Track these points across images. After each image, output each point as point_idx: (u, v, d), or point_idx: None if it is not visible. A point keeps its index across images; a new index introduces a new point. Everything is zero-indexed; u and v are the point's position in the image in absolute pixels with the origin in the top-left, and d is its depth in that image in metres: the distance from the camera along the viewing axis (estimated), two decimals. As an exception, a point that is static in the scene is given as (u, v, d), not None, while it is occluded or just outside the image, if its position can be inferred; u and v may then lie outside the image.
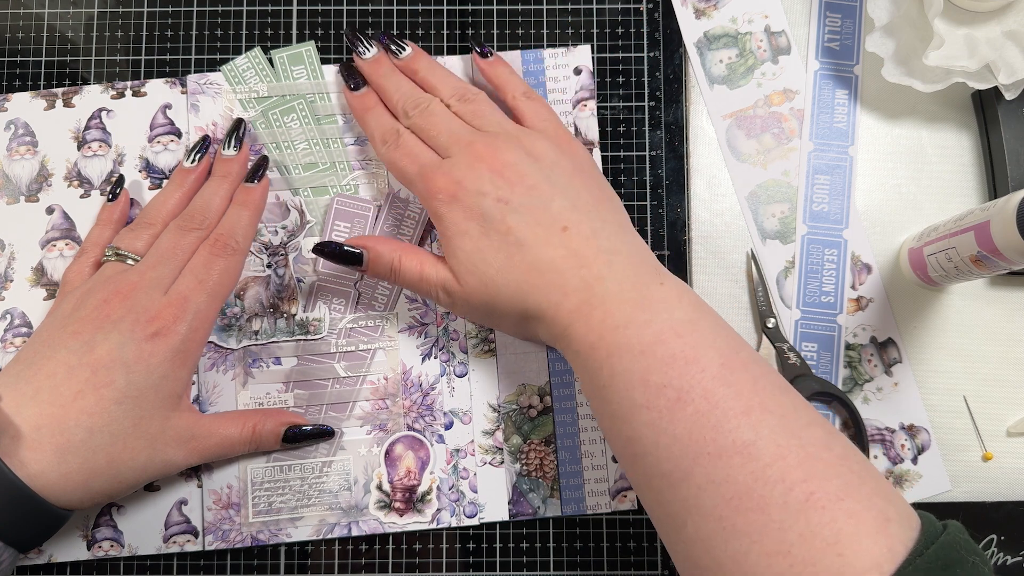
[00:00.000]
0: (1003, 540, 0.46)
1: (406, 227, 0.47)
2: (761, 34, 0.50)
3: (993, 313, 0.48)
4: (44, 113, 0.48)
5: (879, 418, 0.47)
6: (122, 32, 0.49)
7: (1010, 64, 0.45)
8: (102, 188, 0.47)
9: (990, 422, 0.47)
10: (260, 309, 0.46)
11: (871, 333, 0.48)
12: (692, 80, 0.49)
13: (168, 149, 0.48)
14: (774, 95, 0.49)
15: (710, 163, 0.49)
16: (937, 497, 0.47)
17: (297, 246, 0.47)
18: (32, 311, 0.47)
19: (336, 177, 0.48)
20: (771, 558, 0.30)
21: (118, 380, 0.38)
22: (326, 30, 0.49)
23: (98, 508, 0.45)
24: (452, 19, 0.50)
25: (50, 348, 0.39)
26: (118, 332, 0.38)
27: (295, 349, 0.46)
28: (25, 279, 0.47)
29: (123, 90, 0.48)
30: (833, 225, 0.48)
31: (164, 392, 0.39)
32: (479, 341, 0.47)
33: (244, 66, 0.48)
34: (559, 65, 0.49)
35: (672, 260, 0.48)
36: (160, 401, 0.39)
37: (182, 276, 0.41)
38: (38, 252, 0.47)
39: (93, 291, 0.40)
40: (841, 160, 0.49)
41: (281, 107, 0.48)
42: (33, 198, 0.47)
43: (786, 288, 0.48)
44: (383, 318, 0.47)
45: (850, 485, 0.31)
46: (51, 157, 0.48)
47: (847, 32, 0.50)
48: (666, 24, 0.50)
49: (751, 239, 0.48)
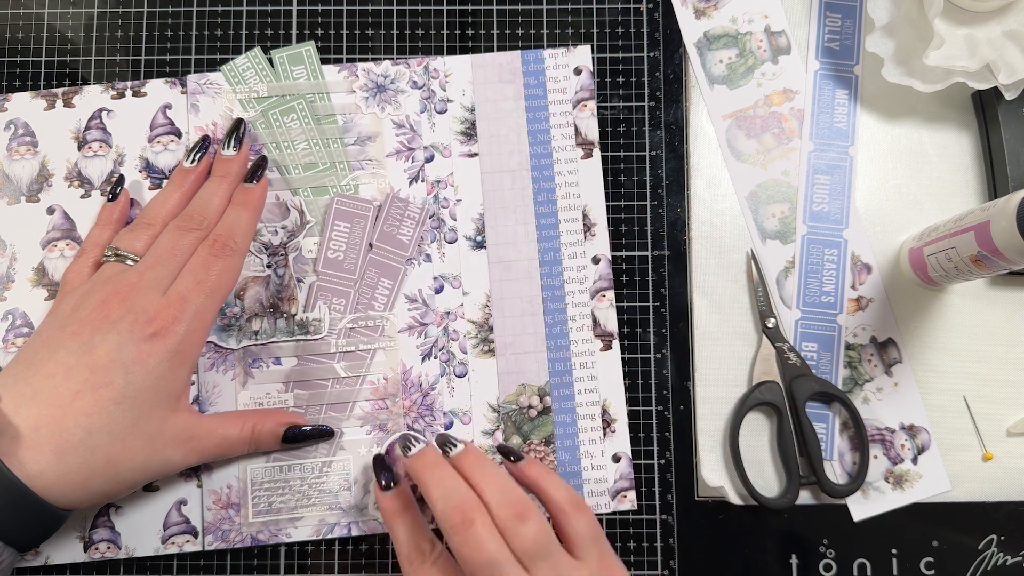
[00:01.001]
0: (1003, 540, 0.46)
1: (406, 227, 0.47)
2: (761, 34, 0.50)
3: (993, 313, 0.48)
4: (44, 113, 0.48)
5: (879, 418, 0.47)
6: (122, 32, 0.49)
7: (1010, 64, 0.45)
8: (102, 188, 0.47)
9: (990, 422, 0.47)
10: (260, 309, 0.46)
11: (871, 333, 0.48)
12: (692, 80, 0.49)
13: (168, 149, 0.48)
14: (774, 95, 0.49)
15: (710, 163, 0.49)
16: (937, 497, 0.47)
17: (297, 246, 0.47)
18: (33, 311, 0.47)
19: (336, 177, 0.48)
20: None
21: (116, 380, 0.37)
22: (326, 30, 0.49)
23: (96, 509, 0.45)
24: (452, 19, 0.50)
25: (49, 349, 0.39)
26: (117, 333, 0.38)
27: (295, 349, 0.46)
28: (26, 279, 0.47)
29: (123, 90, 0.48)
30: (833, 225, 0.48)
31: (163, 392, 0.39)
32: (479, 341, 0.47)
33: (244, 66, 0.48)
34: (559, 65, 0.49)
35: (672, 260, 0.48)
36: (159, 401, 0.39)
37: (181, 276, 0.41)
38: (39, 252, 0.47)
39: (92, 292, 0.40)
40: (841, 160, 0.49)
41: (281, 107, 0.48)
42: (34, 198, 0.47)
43: (786, 288, 0.48)
44: (383, 318, 0.47)
45: None
46: (51, 157, 0.48)
47: (847, 32, 0.50)
48: (666, 24, 0.50)
49: (751, 239, 0.48)
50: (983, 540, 0.47)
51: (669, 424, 0.47)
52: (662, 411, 0.47)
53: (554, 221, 0.48)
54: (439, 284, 0.47)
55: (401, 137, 0.48)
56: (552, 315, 0.47)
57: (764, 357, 0.47)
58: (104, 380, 0.37)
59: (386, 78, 0.49)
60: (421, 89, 0.49)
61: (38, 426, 0.36)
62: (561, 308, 0.47)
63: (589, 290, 0.48)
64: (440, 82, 0.49)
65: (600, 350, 0.47)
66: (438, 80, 0.49)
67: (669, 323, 0.48)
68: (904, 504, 0.46)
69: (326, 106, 0.48)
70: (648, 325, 0.48)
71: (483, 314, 0.47)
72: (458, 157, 0.48)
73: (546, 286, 0.47)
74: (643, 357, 0.48)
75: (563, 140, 0.48)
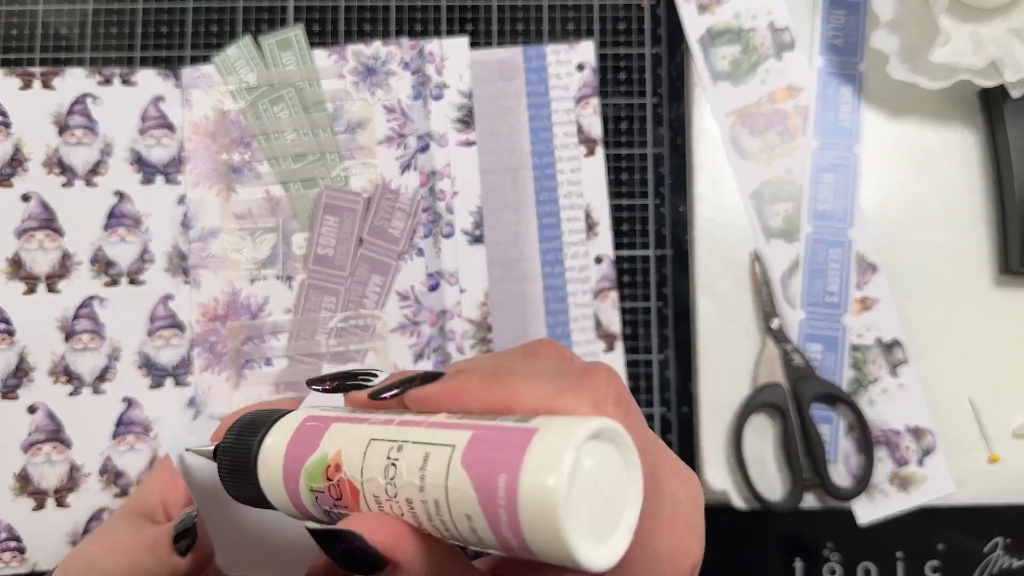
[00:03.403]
0: (1009, 543, 0.46)
1: (397, 220, 0.46)
2: (765, 30, 0.49)
3: (999, 313, 0.47)
4: (20, 93, 0.46)
5: (884, 420, 0.46)
6: (117, 28, 0.49)
7: (1016, 61, 0.45)
8: (87, 178, 0.46)
9: (996, 424, 0.47)
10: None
11: (876, 334, 0.47)
12: (695, 77, 0.49)
13: (161, 144, 0.47)
14: (778, 92, 0.49)
15: (713, 161, 0.48)
16: (943, 500, 0.46)
17: (289, 242, 0.46)
18: (10, 307, 0.45)
19: (326, 168, 0.47)
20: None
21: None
22: (323, 26, 0.49)
23: (88, 512, 0.44)
24: (452, 15, 0.49)
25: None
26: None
27: (286, 350, 0.45)
28: (0, 271, 0.46)
29: (110, 77, 0.47)
30: (838, 224, 0.48)
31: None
32: (477, 341, 0.46)
33: (235, 56, 0.47)
34: (562, 61, 0.48)
35: (675, 259, 0.48)
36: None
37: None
38: (13, 242, 0.45)
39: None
40: (846, 158, 0.48)
41: (270, 97, 0.47)
42: (6, 183, 0.45)
43: (790, 288, 0.47)
44: (374, 317, 0.46)
45: None
46: (27, 140, 0.46)
47: (851, 28, 0.49)
48: (669, 20, 0.49)
49: (755, 238, 0.48)
50: (989, 543, 0.46)
51: (672, 426, 0.47)
52: (665, 413, 0.47)
53: (556, 220, 0.47)
54: (434, 281, 0.46)
55: (392, 123, 0.47)
56: (554, 316, 0.47)
57: (768, 358, 0.46)
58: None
59: (376, 60, 0.48)
60: (416, 74, 0.47)
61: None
62: (563, 309, 0.47)
63: (591, 290, 0.47)
64: (436, 66, 0.48)
65: (603, 351, 0.46)
66: (434, 64, 0.48)
67: (672, 324, 0.47)
68: (910, 507, 0.46)
69: (316, 93, 0.47)
70: (650, 326, 0.47)
71: (481, 312, 0.46)
72: (455, 146, 0.47)
73: (548, 287, 0.47)
74: (645, 358, 0.47)
75: (565, 138, 0.48)
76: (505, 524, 0.18)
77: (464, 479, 0.18)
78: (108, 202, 0.46)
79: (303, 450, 0.22)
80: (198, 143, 0.47)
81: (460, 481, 0.18)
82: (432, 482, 0.19)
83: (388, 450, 0.20)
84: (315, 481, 0.22)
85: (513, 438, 0.18)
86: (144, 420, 0.45)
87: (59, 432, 0.45)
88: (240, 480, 0.24)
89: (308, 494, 0.22)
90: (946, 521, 0.46)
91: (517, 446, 0.18)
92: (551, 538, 0.17)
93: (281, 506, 0.23)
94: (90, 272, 0.46)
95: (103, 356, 0.45)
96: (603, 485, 0.18)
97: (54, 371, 0.45)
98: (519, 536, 0.18)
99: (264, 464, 0.23)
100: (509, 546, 0.18)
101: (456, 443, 0.19)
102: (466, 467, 0.18)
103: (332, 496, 0.21)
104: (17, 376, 0.45)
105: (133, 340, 0.46)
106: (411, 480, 0.19)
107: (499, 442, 0.18)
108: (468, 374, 0.21)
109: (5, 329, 0.45)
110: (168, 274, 0.46)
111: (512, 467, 0.17)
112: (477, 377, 0.21)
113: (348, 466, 0.21)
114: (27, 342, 0.45)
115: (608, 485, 0.18)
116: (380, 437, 0.21)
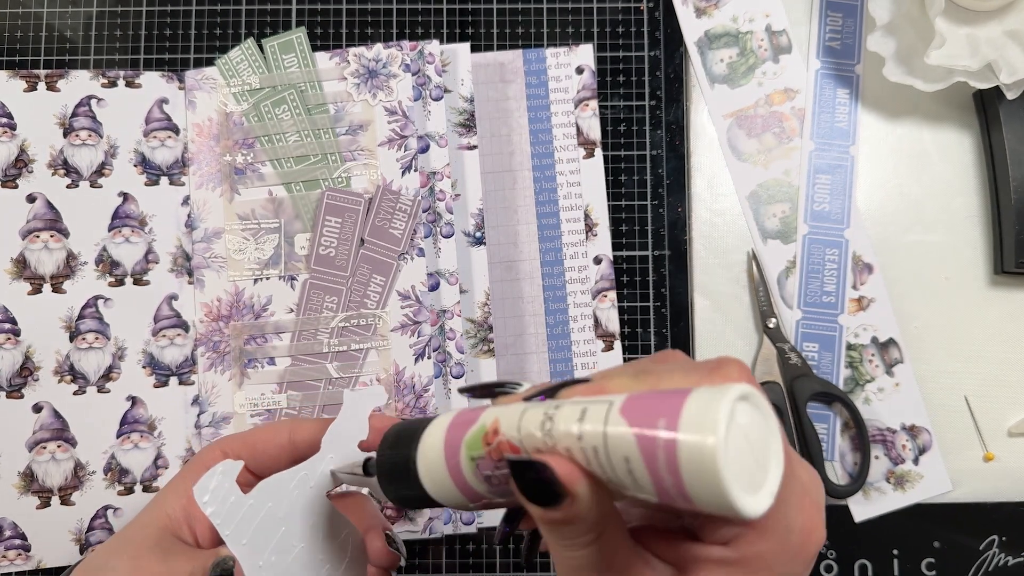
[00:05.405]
0: (1004, 541, 0.46)
1: (398, 221, 0.47)
2: (762, 33, 0.49)
3: (994, 313, 0.48)
4: (24, 95, 0.47)
5: (880, 419, 0.47)
6: (120, 31, 0.49)
7: (1011, 63, 0.45)
8: (92, 179, 0.47)
9: (991, 422, 0.47)
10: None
11: (872, 333, 0.47)
12: (693, 79, 0.49)
13: (165, 145, 0.47)
14: (775, 94, 0.49)
15: (711, 162, 0.49)
16: (938, 498, 0.46)
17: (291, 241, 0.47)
18: (15, 307, 0.45)
19: (328, 169, 0.47)
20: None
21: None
22: (325, 28, 0.49)
23: (93, 510, 0.45)
24: (452, 18, 0.50)
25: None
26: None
27: (289, 349, 0.46)
28: (4, 271, 0.46)
29: (115, 79, 0.48)
30: (834, 225, 0.48)
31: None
32: (478, 341, 0.46)
33: (238, 58, 0.48)
34: (561, 64, 0.49)
35: (673, 260, 0.48)
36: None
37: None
38: (19, 242, 0.46)
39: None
40: (842, 159, 0.49)
41: (273, 99, 0.47)
42: (11, 184, 0.46)
43: (787, 288, 0.48)
44: (376, 316, 0.46)
45: None
46: (32, 142, 0.46)
47: (848, 31, 0.49)
48: (667, 23, 0.50)
49: (752, 239, 0.48)
50: (984, 540, 0.46)
51: (670, 424, 0.47)
52: (663, 411, 0.47)
53: (556, 221, 0.48)
54: (434, 280, 0.47)
55: (393, 124, 0.48)
56: (554, 315, 0.47)
57: (765, 357, 0.47)
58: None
59: (378, 62, 0.48)
60: (416, 75, 0.48)
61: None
62: (563, 308, 0.47)
63: (591, 290, 0.47)
64: (436, 67, 0.48)
65: (602, 351, 0.47)
66: (433, 65, 0.48)
67: (670, 323, 0.48)
68: (905, 505, 0.46)
69: (317, 95, 0.48)
70: (649, 325, 0.48)
71: (482, 313, 0.47)
72: (456, 149, 0.48)
73: (548, 287, 0.47)
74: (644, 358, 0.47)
75: (565, 140, 0.48)
76: (663, 465, 0.19)
77: (623, 423, 0.20)
78: (113, 203, 0.47)
79: (461, 430, 0.24)
80: (202, 144, 0.47)
81: (619, 426, 0.20)
82: (590, 429, 0.20)
83: (543, 410, 0.22)
84: (475, 449, 0.23)
85: (669, 396, 0.20)
86: (148, 419, 0.46)
87: (64, 431, 0.45)
88: (400, 479, 0.26)
89: (468, 464, 0.23)
90: (942, 519, 0.47)
91: (675, 398, 0.19)
92: (709, 480, 0.18)
93: (442, 492, 0.25)
94: (95, 272, 0.46)
95: (108, 355, 0.46)
96: (752, 441, 0.20)
97: (59, 370, 0.46)
98: (676, 475, 0.19)
99: (423, 456, 0.25)
100: (663, 487, 0.19)
101: (613, 400, 0.20)
102: (625, 414, 0.20)
103: (493, 459, 0.23)
104: (22, 375, 0.45)
105: (137, 339, 0.46)
106: (568, 430, 0.21)
107: (656, 396, 0.20)
108: (613, 372, 0.24)
109: (10, 329, 0.46)
110: (172, 274, 0.47)
111: (672, 412, 0.19)
112: (621, 374, 0.23)
113: (506, 427, 0.22)
114: (32, 341, 0.46)
115: (756, 442, 0.20)
116: (535, 408, 0.22)
